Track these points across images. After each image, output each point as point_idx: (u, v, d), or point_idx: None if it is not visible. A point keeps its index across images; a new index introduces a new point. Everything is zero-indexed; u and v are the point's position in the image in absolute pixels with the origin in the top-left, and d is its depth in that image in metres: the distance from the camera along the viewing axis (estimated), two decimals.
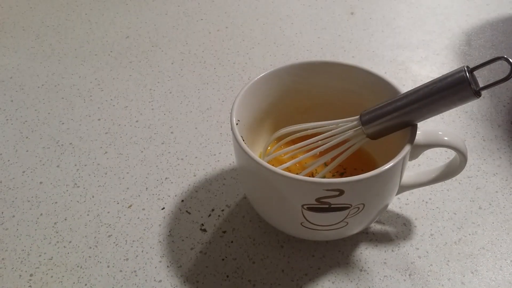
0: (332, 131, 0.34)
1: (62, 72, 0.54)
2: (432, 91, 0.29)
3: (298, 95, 0.39)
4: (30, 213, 0.39)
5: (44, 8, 0.65)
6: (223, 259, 0.36)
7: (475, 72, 0.29)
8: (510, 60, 0.27)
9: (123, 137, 0.46)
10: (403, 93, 0.31)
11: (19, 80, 0.53)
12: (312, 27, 0.61)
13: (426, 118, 0.31)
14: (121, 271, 0.35)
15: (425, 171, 0.37)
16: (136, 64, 0.55)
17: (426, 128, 0.34)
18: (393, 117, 0.31)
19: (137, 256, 0.36)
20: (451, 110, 0.48)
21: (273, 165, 0.31)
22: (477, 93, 0.28)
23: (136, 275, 0.35)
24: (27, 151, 0.45)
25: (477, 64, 0.28)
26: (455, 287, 0.34)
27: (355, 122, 0.33)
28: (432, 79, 0.30)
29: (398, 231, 0.38)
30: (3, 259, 0.36)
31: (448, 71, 0.30)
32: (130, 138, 0.46)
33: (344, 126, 0.33)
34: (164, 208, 0.40)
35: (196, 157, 0.44)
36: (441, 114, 0.47)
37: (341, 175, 0.38)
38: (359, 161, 0.39)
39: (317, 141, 0.34)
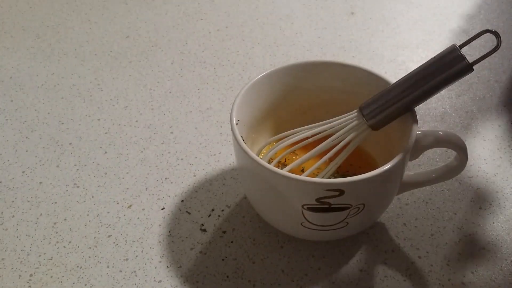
0: (332, 128, 0.34)
1: (61, 72, 0.54)
2: (430, 73, 0.30)
3: (298, 95, 0.39)
4: (29, 213, 0.39)
5: (44, 8, 0.65)
6: (223, 259, 0.36)
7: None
8: (495, 31, 0.29)
9: (122, 137, 0.46)
10: (400, 79, 0.32)
11: (18, 80, 0.53)
12: (312, 27, 0.61)
13: (426, 100, 0.31)
14: (121, 271, 0.35)
15: (425, 171, 0.36)
16: (136, 64, 0.55)
17: (426, 128, 0.34)
18: (394, 104, 0.32)
19: (137, 256, 0.36)
20: (452, 110, 0.48)
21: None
22: (471, 67, 0.29)
23: (136, 275, 0.35)
24: (26, 151, 0.45)
25: (464, 41, 0.30)
26: None
27: (355, 115, 0.33)
28: None
29: (398, 231, 0.37)
30: (3, 259, 0.36)
31: None
32: (130, 138, 0.46)
33: (343, 121, 0.33)
34: (164, 208, 0.40)
35: (196, 157, 0.44)
36: (441, 114, 0.47)
37: (342, 175, 0.38)
38: (359, 161, 0.38)
39: (317, 140, 0.34)
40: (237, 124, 0.33)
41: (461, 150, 0.33)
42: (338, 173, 0.38)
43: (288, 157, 0.38)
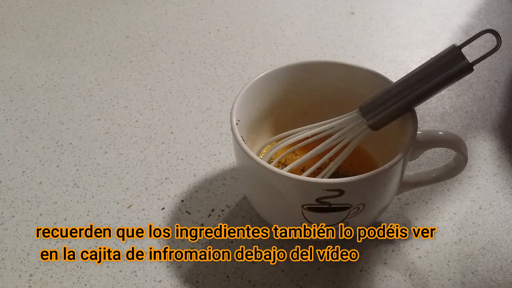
0: (332, 128, 0.34)
1: (61, 72, 0.54)
2: (430, 73, 0.30)
3: (298, 95, 0.39)
4: (29, 213, 0.39)
5: (44, 8, 0.65)
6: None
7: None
8: (495, 31, 0.29)
9: (123, 137, 0.46)
10: (400, 79, 0.32)
11: (18, 80, 0.53)
12: (312, 27, 0.61)
13: (426, 99, 0.31)
14: (121, 271, 0.35)
15: (425, 171, 0.36)
16: (136, 64, 0.55)
17: (426, 128, 0.34)
18: (394, 104, 0.31)
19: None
20: (452, 110, 0.48)
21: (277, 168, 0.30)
22: (471, 67, 0.29)
23: (136, 275, 0.35)
24: (26, 151, 0.45)
25: (464, 41, 0.30)
26: None
27: (355, 115, 0.33)
28: None
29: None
30: (3, 259, 0.36)
31: None
32: (130, 138, 0.46)
33: (343, 121, 0.33)
34: (164, 208, 0.40)
35: (196, 157, 0.44)
36: (441, 114, 0.47)
37: (342, 175, 0.38)
38: (359, 161, 0.38)
39: (317, 139, 0.34)
40: (237, 124, 0.33)
41: (461, 150, 0.33)
42: (338, 173, 0.38)
43: (288, 157, 0.38)
